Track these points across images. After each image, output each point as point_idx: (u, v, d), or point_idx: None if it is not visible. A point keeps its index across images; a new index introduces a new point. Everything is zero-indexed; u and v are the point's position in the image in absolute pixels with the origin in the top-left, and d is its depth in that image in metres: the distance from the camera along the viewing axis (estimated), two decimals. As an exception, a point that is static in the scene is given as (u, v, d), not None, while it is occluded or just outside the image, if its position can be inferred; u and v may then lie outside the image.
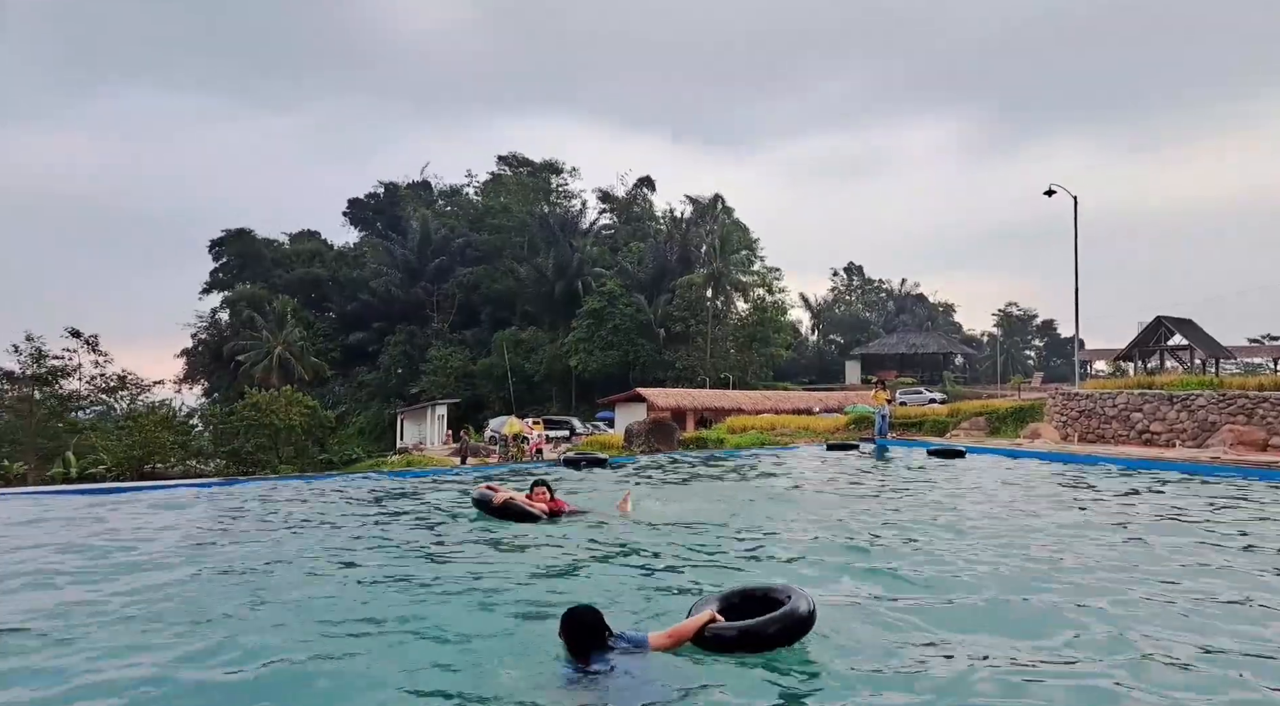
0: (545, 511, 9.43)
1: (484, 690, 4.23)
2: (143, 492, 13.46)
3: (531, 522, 9.18)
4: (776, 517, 9.88)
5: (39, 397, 40.85)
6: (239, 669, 4.49)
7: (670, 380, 57.83)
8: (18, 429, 40.69)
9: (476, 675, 4.44)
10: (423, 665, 4.59)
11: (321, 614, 5.58)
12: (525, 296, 69.86)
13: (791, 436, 28.86)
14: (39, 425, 40.20)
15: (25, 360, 40.75)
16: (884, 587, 6.15)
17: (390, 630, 5.24)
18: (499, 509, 9.36)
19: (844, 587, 6.17)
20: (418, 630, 5.24)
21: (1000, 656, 4.58)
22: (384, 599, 6.05)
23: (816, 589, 6.11)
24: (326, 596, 6.12)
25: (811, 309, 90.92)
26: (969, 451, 18.31)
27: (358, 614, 5.57)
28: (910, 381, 61.80)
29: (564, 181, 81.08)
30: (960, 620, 5.27)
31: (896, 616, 5.34)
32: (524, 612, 5.60)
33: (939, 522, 9.22)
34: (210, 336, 74.71)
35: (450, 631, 5.18)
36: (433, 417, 53.93)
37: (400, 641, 5.05)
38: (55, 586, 6.56)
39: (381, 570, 7.04)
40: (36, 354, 41.00)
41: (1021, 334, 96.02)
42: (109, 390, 46.75)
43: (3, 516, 10.69)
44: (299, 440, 41.18)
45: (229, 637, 5.02)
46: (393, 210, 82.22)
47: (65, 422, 41.72)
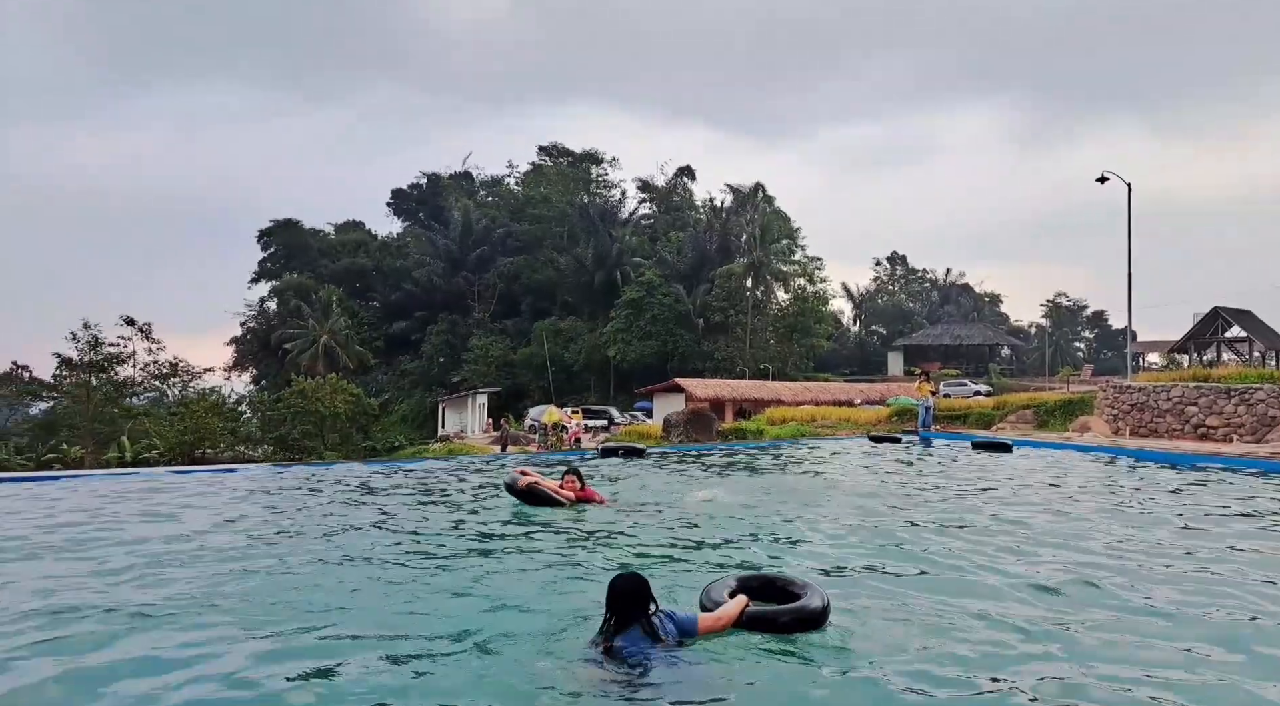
0: (571, 499, 9.44)
1: (511, 674, 4.21)
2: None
3: (557, 507, 9.22)
4: (814, 510, 9.74)
5: (95, 384, 42.02)
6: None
7: (709, 371, 57.63)
8: (75, 414, 41.96)
9: (498, 657, 4.44)
10: (443, 645, 4.61)
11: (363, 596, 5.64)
12: (565, 286, 70.13)
13: (832, 428, 28.56)
14: (95, 410, 41.39)
15: (83, 347, 41.93)
16: (924, 584, 6.00)
17: (413, 609, 5.31)
18: (523, 491, 9.42)
19: (882, 584, 6.03)
20: (431, 610, 5.30)
21: (1058, 670, 4.39)
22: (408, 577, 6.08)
23: (848, 583, 5.99)
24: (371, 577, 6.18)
25: (853, 299, 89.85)
26: (1015, 445, 17.89)
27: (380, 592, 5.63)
28: (955, 373, 60.76)
29: (604, 171, 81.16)
30: (1012, 624, 5.04)
31: (936, 615, 5.19)
32: (545, 593, 5.64)
33: (986, 518, 8.99)
34: (259, 325, 76.30)
35: (470, 614, 5.21)
36: (473, 406, 54.50)
37: (417, 619, 5.12)
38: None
39: (401, 549, 7.09)
40: (93, 342, 42.16)
41: (1071, 325, 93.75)
42: (162, 377, 47.99)
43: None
44: (343, 427, 41.92)
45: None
46: (435, 201, 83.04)
47: (120, 408, 42.87)
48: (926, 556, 6.95)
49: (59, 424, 43.75)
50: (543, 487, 9.43)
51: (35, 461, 36.99)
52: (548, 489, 9.45)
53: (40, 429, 44.89)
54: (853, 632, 4.74)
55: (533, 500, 9.37)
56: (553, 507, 9.25)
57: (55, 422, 44.55)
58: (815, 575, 6.21)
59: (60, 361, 42.50)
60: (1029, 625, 4.94)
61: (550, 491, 9.42)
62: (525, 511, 9.33)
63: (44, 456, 38.19)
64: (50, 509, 10.26)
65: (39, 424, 46.09)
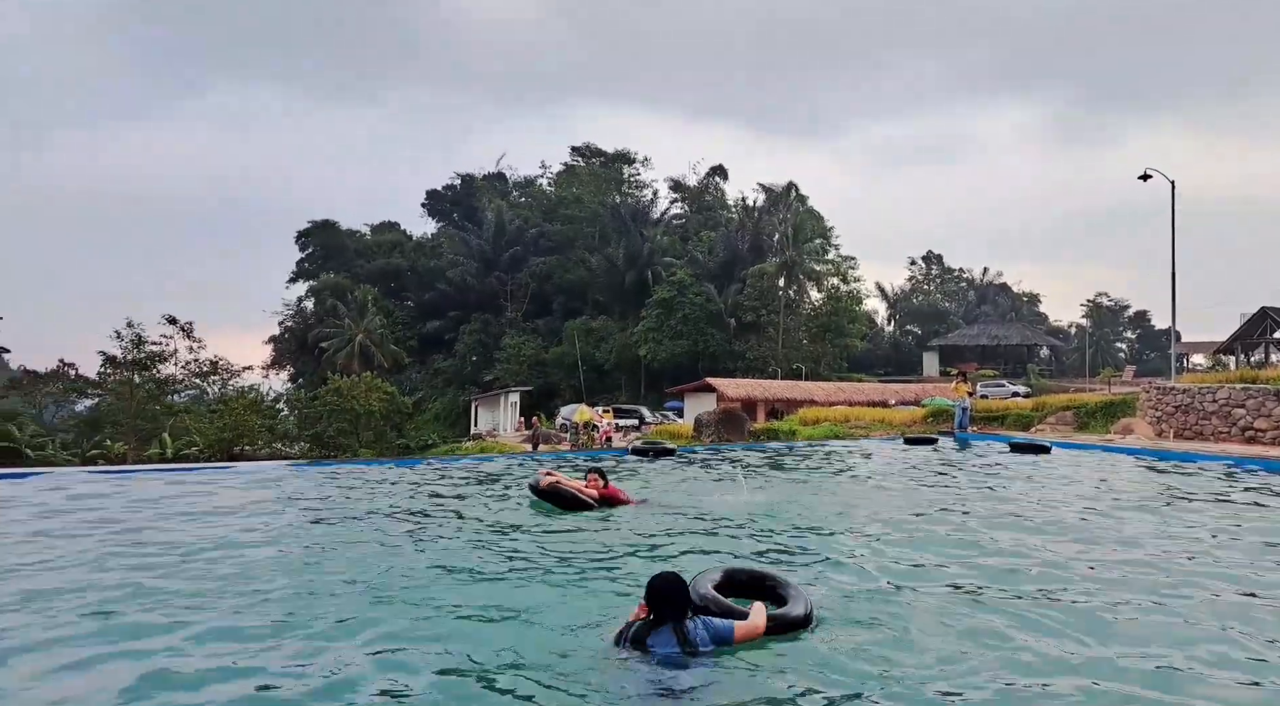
0: (595, 499, 9.37)
1: (534, 670, 4.18)
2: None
3: (581, 509, 9.16)
4: (847, 513, 9.59)
5: (138, 382, 42.85)
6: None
7: (740, 370, 57.33)
8: (119, 411, 42.84)
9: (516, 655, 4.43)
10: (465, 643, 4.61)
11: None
12: (596, 286, 70.25)
13: (866, 429, 28.21)
14: (138, 407, 42.21)
15: (127, 345, 42.78)
16: (958, 588, 5.85)
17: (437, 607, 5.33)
18: (545, 491, 9.37)
19: (917, 587, 5.89)
20: (453, 607, 5.32)
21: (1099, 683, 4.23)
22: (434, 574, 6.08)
23: (879, 587, 5.87)
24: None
25: (888, 298, 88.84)
26: (1055, 446, 17.50)
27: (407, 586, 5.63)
28: (992, 374, 59.79)
29: (636, 171, 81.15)
30: (1049, 631, 4.86)
31: (974, 622, 5.06)
32: (565, 593, 5.61)
33: (1025, 522, 8.77)
34: (296, 324, 77.43)
35: (492, 611, 5.24)
36: (505, 405, 54.78)
37: (438, 618, 5.15)
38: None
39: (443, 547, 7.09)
40: (136, 340, 42.97)
41: (1112, 326, 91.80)
42: (202, 375, 48.72)
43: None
44: (378, 425, 42.29)
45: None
46: (469, 201, 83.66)
47: (162, 406, 43.67)
48: (962, 558, 6.79)
49: (103, 420, 44.73)
50: (567, 487, 9.37)
51: (80, 457, 37.92)
52: (572, 489, 9.38)
53: (86, 425, 45.98)
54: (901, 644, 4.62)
55: (557, 501, 9.32)
56: (578, 509, 9.19)
57: (100, 419, 45.59)
58: (850, 578, 6.10)
59: (105, 359, 43.44)
60: (1079, 638, 4.79)
61: (575, 491, 9.36)
62: (550, 511, 9.30)
63: (89, 452, 39.11)
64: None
65: (84, 420, 47.21)
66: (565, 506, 9.25)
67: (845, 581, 5.99)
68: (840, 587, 5.81)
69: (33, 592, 5.72)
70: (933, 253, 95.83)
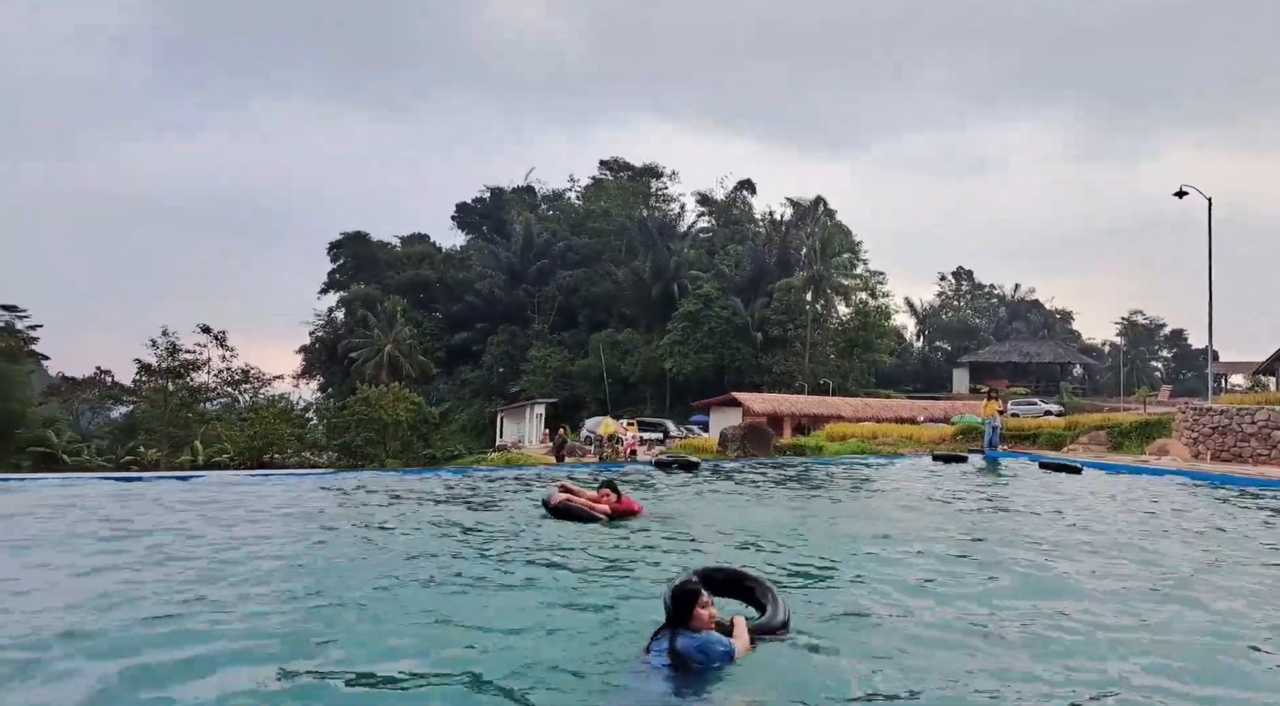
0: (606, 513, 9.35)
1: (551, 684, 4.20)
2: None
3: (591, 523, 9.15)
4: (874, 530, 9.47)
5: (172, 389, 43.63)
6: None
7: (767, 385, 57.02)
8: (153, 418, 43.63)
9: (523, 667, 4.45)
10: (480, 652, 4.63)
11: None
12: (623, 299, 70.40)
13: (894, 446, 27.90)
14: (171, 415, 42.98)
15: (161, 353, 43.61)
16: (986, 609, 5.74)
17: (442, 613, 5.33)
18: (555, 509, 9.39)
19: (943, 610, 5.79)
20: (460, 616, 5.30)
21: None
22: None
23: (903, 609, 5.77)
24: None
25: (917, 314, 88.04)
26: (1086, 466, 17.18)
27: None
28: (1023, 392, 58.93)
29: (663, 185, 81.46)
30: (1092, 667, 4.62)
31: (1000, 651, 4.95)
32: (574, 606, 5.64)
33: (1058, 544, 8.60)
34: (326, 334, 78.39)
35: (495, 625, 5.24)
36: (531, 416, 54.93)
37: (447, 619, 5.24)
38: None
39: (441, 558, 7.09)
40: (171, 348, 43.81)
41: (1148, 344, 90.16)
42: (234, 383, 49.54)
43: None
44: (405, 435, 42.62)
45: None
46: (498, 214, 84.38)
47: (194, 413, 44.41)
48: (987, 578, 6.67)
49: (138, 427, 45.52)
50: (577, 504, 9.38)
51: (115, 463, 38.56)
52: (583, 504, 9.39)
53: (120, 432, 46.80)
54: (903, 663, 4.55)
55: (569, 517, 9.33)
56: (590, 523, 9.18)
57: (134, 426, 46.40)
58: (864, 593, 6.01)
59: (140, 367, 44.29)
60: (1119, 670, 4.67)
61: (585, 507, 9.37)
62: (563, 524, 9.30)
63: (123, 459, 39.77)
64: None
65: (119, 427, 48.06)
66: (575, 521, 9.27)
67: (861, 599, 5.90)
68: (856, 604, 5.72)
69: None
70: (963, 268, 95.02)
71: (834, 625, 5.18)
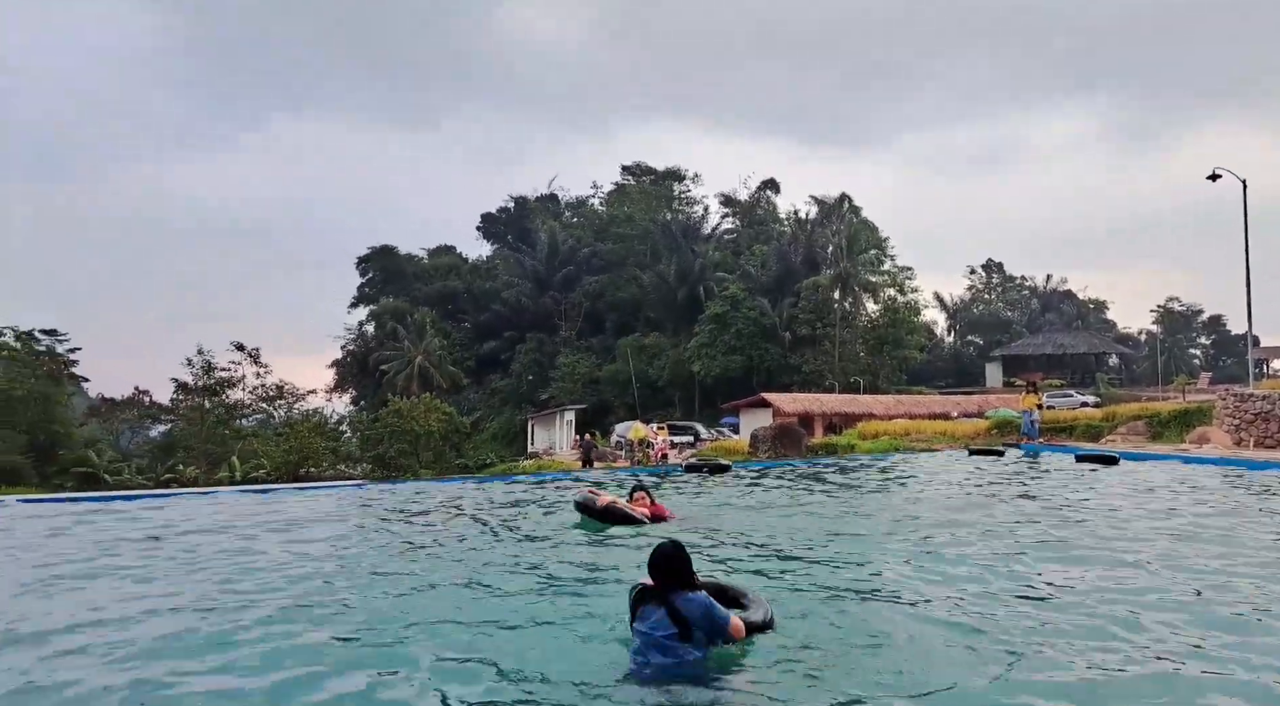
0: (647, 516, 9.36)
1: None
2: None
3: (633, 525, 9.14)
4: (912, 528, 9.35)
5: (208, 407, 44.34)
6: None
7: (796, 385, 56.67)
8: (191, 436, 44.36)
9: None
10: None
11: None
12: (648, 303, 70.42)
13: (928, 442, 27.57)
14: (208, 432, 43.67)
15: (197, 372, 44.35)
16: (1032, 609, 5.63)
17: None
18: (601, 512, 9.40)
19: (989, 612, 5.68)
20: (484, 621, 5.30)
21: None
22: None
23: (940, 615, 5.68)
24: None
25: (947, 309, 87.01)
26: (1124, 457, 16.84)
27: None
28: (1058, 384, 57.97)
29: (686, 188, 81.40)
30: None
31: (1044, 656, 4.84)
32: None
33: (1103, 539, 8.41)
34: (357, 347, 79.26)
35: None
36: (561, 423, 55.08)
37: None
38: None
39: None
40: (206, 366, 44.54)
41: (1185, 331, 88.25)
42: (268, 399, 50.24)
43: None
44: (437, 445, 42.90)
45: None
46: (522, 223, 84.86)
47: (231, 430, 45.08)
48: (1030, 575, 6.55)
49: (176, 445, 46.32)
50: (620, 507, 9.41)
51: (155, 480, 39.29)
52: (624, 508, 9.42)
53: (160, 450, 47.67)
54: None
55: (607, 519, 9.34)
56: (627, 525, 9.19)
57: (173, 444, 47.23)
58: (914, 598, 5.93)
59: (177, 386, 45.08)
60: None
61: (628, 510, 9.39)
62: (599, 527, 9.31)
63: (163, 476, 40.50)
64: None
65: (158, 445, 48.94)
66: (616, 524, 9.27)
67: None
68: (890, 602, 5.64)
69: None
70: (993, 261, 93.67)
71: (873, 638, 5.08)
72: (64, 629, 5.50)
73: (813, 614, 5.42)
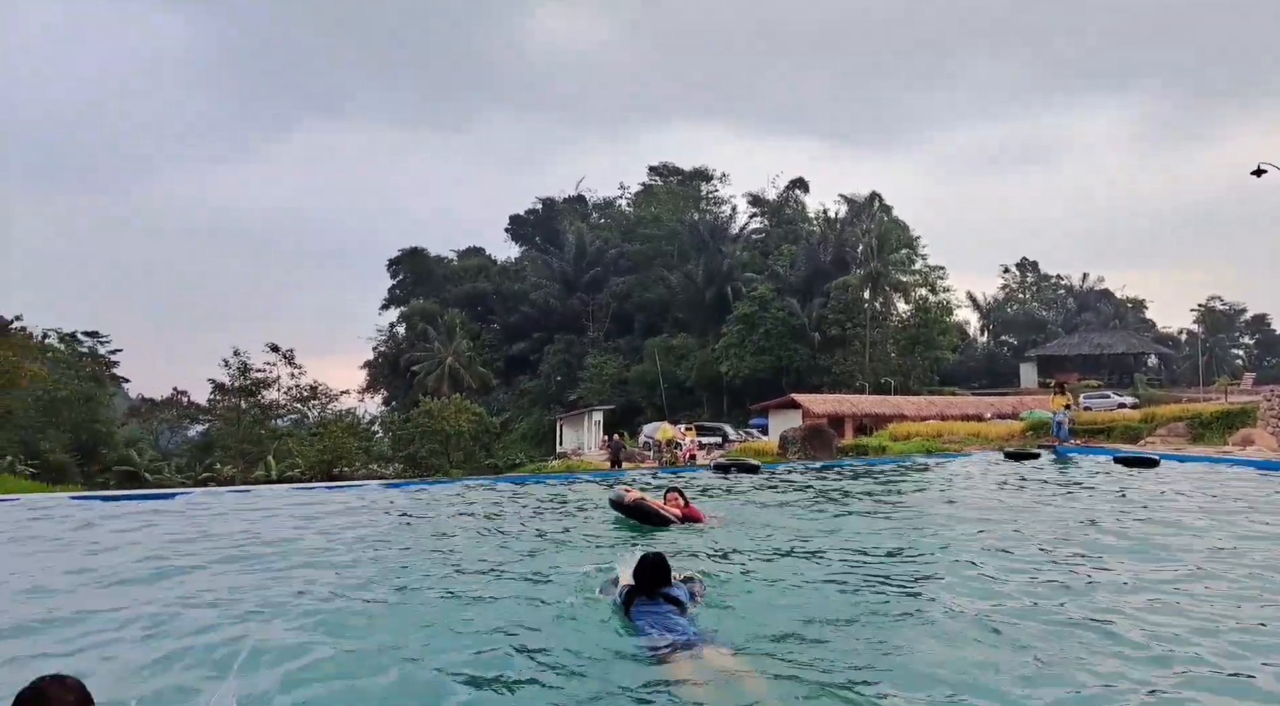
0: (678, 516, 9.35)
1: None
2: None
3: (663, 525, 9.11)
4: (947, 533, 9.23)
5: (244, 407, 45.12)
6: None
7: (826, 385, 56.26)
8: (227, 435, 45.18)
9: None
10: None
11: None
12: (676, 303, 70.33)
13: (960, 444, 27.22)
14: (245, 432, 44.44)
15: (234, 373, 45.15)
16: (1081, 615, 5.54)
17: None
18: (629, 508, 9.41)
19: (1027, 624, 5.59)
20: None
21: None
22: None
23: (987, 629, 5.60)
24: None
25: (980, 308, 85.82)
26: (1164, 459, 16.50)
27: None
28: (1096, 384, 56.94)
29: (714, 188, 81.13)
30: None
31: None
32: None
33: (1141, 545, 8.25)
34: (389, 349, 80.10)
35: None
36: (589, 423, 55.23)
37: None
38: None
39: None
40: (242, 368, 45.33)
41: (1227, 331, 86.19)
42: (302, 399, 51.04)
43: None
44: (467, 445, 43.29)
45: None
46: (550, 224, 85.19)
47: (266, 430, 45.83)
48: (1066, 581, 6.43)
49: (214, 444, 47.17)
50: (649, 505, 9.41)
51: (194, 479, 40.02)
52: (653, 506, 9.41)
53: (198, 450, 48.56)
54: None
55: (639, 517, 9.34)
56: (660, 525, 9.18)
57: (211, 443, 48.10)
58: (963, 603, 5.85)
59: (214, 386, 45.93)
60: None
61: (658, 509, 9.38)
62: (634, 526, 9.31)
63: (201, 475, 41.25)
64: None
65: (196, 445, 49.86)
66: (647, 522, 9.27)
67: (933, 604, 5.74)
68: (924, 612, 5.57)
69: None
70: (1027, 259, 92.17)
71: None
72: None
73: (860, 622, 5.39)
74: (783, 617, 5.46)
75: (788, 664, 4.54)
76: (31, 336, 46.17)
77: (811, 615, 5.50)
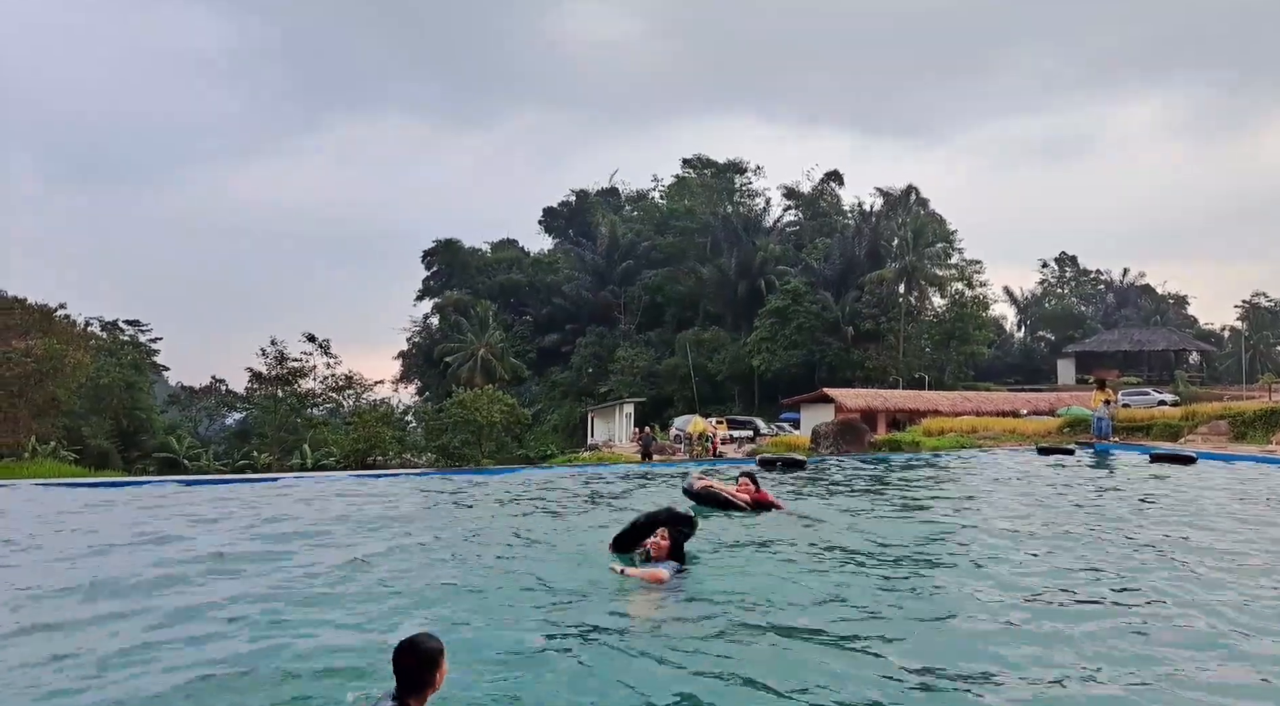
0: (748, 502, 9.41)
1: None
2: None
3: (734, 510, 9.19)
4: (981, 528, 9.15)
5: (281, 396, 45.85)
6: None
7: (859, 380, 55.78)
8: (264, 423, 45.96)
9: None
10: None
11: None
12: (708, 296, 70.10)
13: (995, 440, 26.85)
14: (281, 420, 45.17)
15: (271, 362, 45.88)
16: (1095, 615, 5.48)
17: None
18: (698, 494, 9.52)
19: (1043, 623, 5.54)
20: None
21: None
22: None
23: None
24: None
25: (1017, 303, 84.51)
26: (1202, 457, 16.16)
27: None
28: (1135, 381, 55.81)
29: (747, 181, 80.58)
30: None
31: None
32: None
33: (1180, 543, 8.11)
34: (423, 340, 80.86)
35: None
36: (620, 416, 55.32)
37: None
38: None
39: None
40: (279, 357, 46.04)
41: (1272, 328, 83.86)
42: (338, 389, 51.69)
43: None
44: (499, 436, 43.61)
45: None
46: (583, 217, 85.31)
47: (302, 418, 46.54)
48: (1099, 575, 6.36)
49: (251, 433, 48.04)
50: (718, 490, 9.53)
51: (231, 467, 40.86)
52: (725, 493, 9.52)
53: (235, 438, 49.50)
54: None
55: (709, 503, 9.44)
56: (730, 510, 9.27)
57: (248, 431, 49.00)
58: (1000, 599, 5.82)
59: (252, 375, 46.74)
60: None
61: (728, 495, 9.48)
62: (703, 512, 9.35)
63: (238, 463, 42.07)
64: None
65: (234, 433, 50.82)
66: (718, 508, 9.35)
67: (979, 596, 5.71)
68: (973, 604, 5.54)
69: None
70: (1066, 254, 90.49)
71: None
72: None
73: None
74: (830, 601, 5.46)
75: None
76: (75, 324, 47.27)
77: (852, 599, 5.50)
